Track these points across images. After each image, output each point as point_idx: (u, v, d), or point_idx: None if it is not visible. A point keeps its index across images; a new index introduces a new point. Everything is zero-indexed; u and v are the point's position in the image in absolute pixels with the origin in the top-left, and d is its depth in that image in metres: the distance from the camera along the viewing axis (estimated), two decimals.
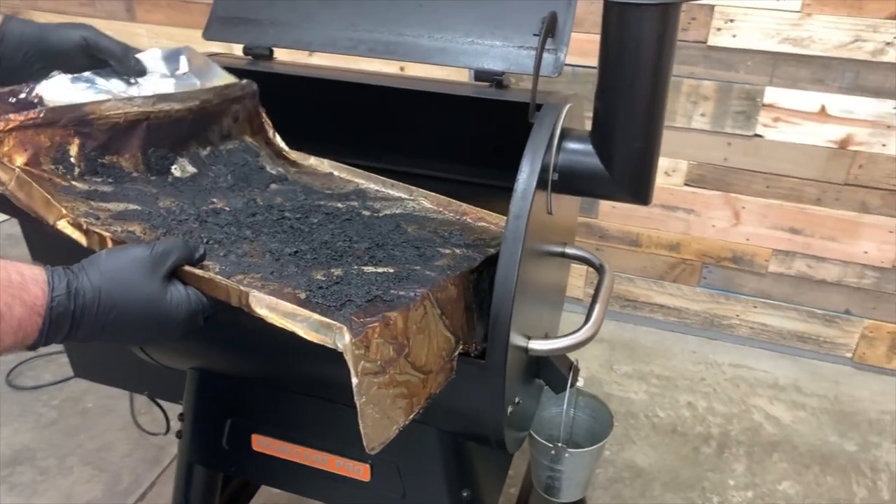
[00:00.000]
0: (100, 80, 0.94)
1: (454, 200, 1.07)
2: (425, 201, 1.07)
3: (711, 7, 1.89)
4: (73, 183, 0.85)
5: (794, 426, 2.03)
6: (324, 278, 0.78)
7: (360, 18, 1.03)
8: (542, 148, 0.85)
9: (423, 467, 1.01)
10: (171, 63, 1.00)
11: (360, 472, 1.03)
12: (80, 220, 0.77)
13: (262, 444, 1.07)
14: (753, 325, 2.30)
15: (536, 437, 1.16)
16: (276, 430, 1.06)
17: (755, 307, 2.27)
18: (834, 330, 2.22)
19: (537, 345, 0.94)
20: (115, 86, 0.95)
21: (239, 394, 1.08)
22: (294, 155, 1.10)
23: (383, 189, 1.08)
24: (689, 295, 2.32)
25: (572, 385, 1.06)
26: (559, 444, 1.14)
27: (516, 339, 0.87)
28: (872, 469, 1.89)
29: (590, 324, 0.99)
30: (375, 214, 1.00)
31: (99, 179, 0.88)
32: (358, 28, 1.03)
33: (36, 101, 0.88)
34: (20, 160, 0.80)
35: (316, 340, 0.67)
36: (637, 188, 0.91)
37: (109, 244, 0.76)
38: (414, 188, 1.08)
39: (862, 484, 1.84)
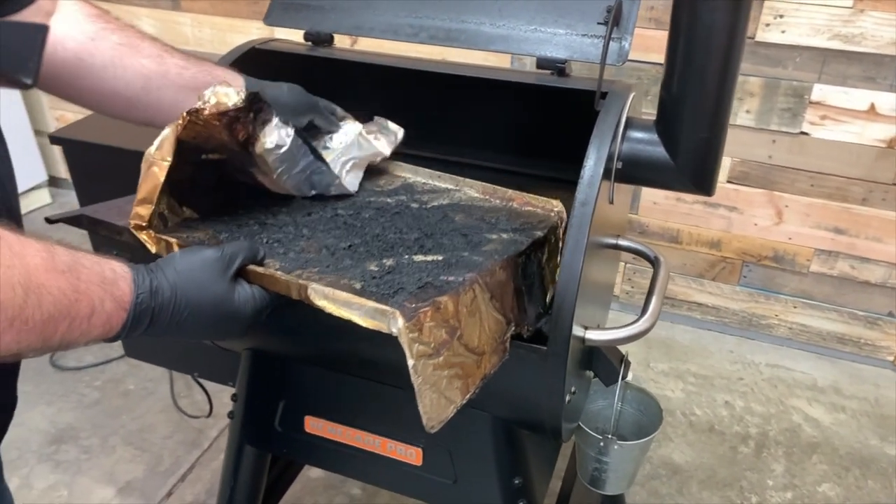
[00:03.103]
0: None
1: (500, 188, 1.07)
2: (471, 191, 1.07)
3: (761, 2, 1.86)
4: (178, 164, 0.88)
5: (834, 428, 2.01)
6: (376, 269, 0.81)
7: (421, 5, 1.03)
8: (608, 136, 0.85)
9: (475, 453, 1.01)
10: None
11: (412, 455, 1.04)
12: (150, 231, 0.82)
13: (314, 425, 1.08)
14: (793, 326, 2.27)
15: (585, 428, 1.15)
16: (329, 412, 1.07)
17: (795, 307, 2.24)
18: (876, 332, 2.19)
19: (594, 335, 0.94)
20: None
21: (293, 375, 1.09)
22: None
23: (430, 181, 1.09)
24: (729, 294, 2.29)
25: (623, 378, 1.06)
26: (609, 436, 1.14)
27: (576, 329, 0.87)
28: None
29: (647, 315, 0.99)
30: (423, 206, 1.02)
31: (191, 167, 0.90)
32: (419, 14, 1.03)
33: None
34: (181, 136, 0.82)
35: (371, 327, 0.69)
36: (702, 178, 0.91)
37: (175, 250, 0.80)
38: (460, 179, 1.08)
39: None
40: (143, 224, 0.81)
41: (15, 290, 0.54)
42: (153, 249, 0.81)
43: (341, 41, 1.13)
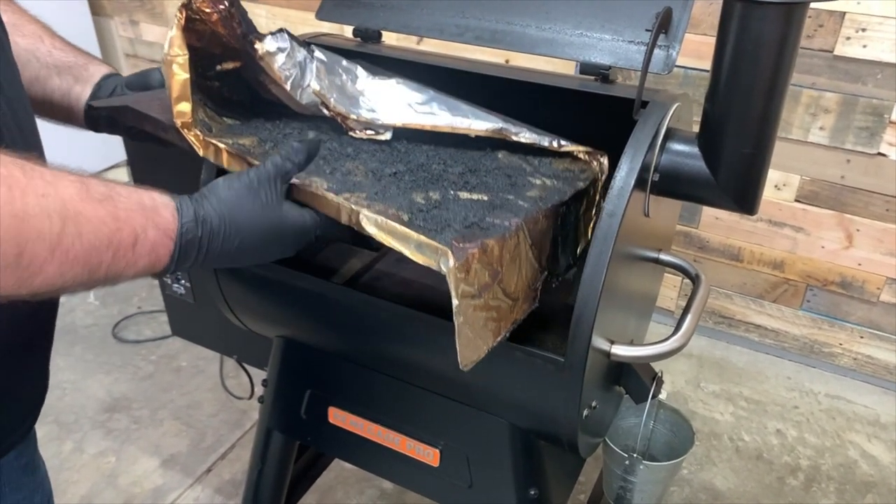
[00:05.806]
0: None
1: (541, 130, 0.99)
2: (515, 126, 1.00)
3: (842, 14, 1.77)
4: (199, 80, 0.88)
5: (893, 468, 1.89)
6: (423, 201, 0.80)
7: (469, 5, 1.03)
8: (643, 146, 0.83)
9: (492, 460, 1.00)
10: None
11: (429, 456, 1.03)
12: (196, 131, 0.80)
13: (337, 417, 1.09)
14: (858, 357, 2.15)
15: (611, 444, 1.13)
16: (352, 405, 1.08)
17: (861, 337, 2.12)
18: None
19: (620, 350, 0.91)
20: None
21: (320, 366, 1.11)
22: None
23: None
24: (790, 317, 2.19)
25: (654, 396, 1.02)
26: (634, 455, 1.11)
27: (598, 342, 0.84)
28: None
29: (678, 335, 0.95)
30: (466, 135, 0.97)
31: (218, 84, 0.91)
32: (466, 15, 1.03)
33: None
34: (190, 41, 0.81)
35: (420, 262, 0.70)
36: (743, 196, 0.87)
37: (224, 156, 0.80)
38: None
39: None
40: (189, 121, 0.79)
41: (51, 218, 0.54)
42: (201, 153, 0.80)
43: (408, 39, 1.13)
